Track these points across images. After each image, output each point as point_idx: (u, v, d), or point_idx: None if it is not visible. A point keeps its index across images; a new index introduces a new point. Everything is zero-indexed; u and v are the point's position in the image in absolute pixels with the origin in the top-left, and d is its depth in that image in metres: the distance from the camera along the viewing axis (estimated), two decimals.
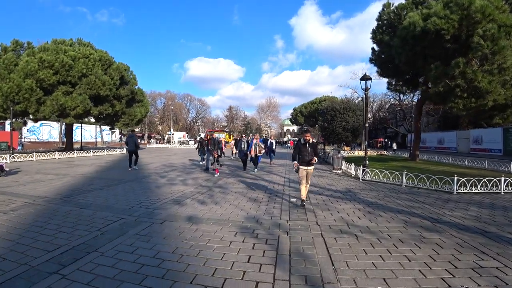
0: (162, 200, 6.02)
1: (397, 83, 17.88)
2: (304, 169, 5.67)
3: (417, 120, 18.01)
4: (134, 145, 11.73)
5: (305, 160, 5.62)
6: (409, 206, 5.81)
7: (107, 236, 3.87)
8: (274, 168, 12.76)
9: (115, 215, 4.90)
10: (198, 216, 4.83)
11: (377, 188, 7.96)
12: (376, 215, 5.07)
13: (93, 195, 6.59)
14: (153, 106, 69.92)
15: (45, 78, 16.98)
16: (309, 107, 52.78)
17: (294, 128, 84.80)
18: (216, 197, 6.44)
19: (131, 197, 6.34)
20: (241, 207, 5.45)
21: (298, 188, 7.60)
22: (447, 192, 7.56)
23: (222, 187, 7.80)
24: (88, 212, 5.15)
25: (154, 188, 7.59)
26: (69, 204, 5.76)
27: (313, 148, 5.72)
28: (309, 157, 5.60)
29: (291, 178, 9.64)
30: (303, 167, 5.66)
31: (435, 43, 10.67)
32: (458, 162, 16.45)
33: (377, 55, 15.70)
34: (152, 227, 4.23)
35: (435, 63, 10.62)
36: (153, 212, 5.07)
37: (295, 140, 50.47)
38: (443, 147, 37.14)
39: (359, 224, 4.49)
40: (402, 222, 4.65)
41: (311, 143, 5.73)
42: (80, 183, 8.32)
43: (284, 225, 4.36)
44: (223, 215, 4.90)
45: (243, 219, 4.63)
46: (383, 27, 14.76)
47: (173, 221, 4.55)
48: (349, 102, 35.54)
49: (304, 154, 5.63)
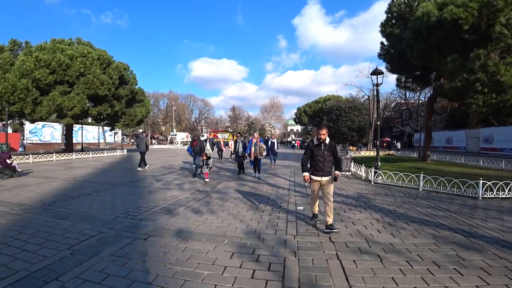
0: (152, 209, 5.33)
1: (406, 80, 17.04)
2: (317, 180, 4.12)
3: (428, 119, 17.14)
4: (144, 146, 12.22)
5: (319, 169, 4.10)
6: (433, 215, 5.05)
7: (77, 258, 3.19)
8: (279, 170, 12.02)
9: (95, 228, 4.23)
10: (190, 229, 4.13)
11: (392, 193, 7.19)
12: (399, 227, 4.33)
13: (77, 202, 5.94)
14: (156, 107, 69.62)
15: (41, 78, 16.46)
16: (314, 107, 51.87)
17: (298, 128, 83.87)
18: (213, 204, 5.74)
19: (118, 205, 5.68)
20: (240, 218, 4.74)
21: (305, 193, 6.90)
22: (470, 197, 6.77)
23: (221, 192, 7.10)
24: (65, 224, 4.49)
25: (146, 193, 6.92)
26: (47, 213, 5.11)
27: (331, 152, 4.16)
28: (326, 164, 4.09)
29: (296, 181, 8.90)
30: (316, 178, 4.11)
31: (452, 34, 9.86)
32: (471, 163, 15.57)
33: (386, 50, 14.89)
34: (133, 245, 3.55)
35: (452, 55, 9.80)
36: (138, 224, 4.38)
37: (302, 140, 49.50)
38: (452, 146, 36.06)
39: (381, 240, 3.76)
40: (431, 237, 3.90)
41: (328, 143, 4.14)
42: (68, 188, 7.69)
43: (291, 242, 3.63)
44: (219, 228, 4.19)
45: (242, 234, 3.92)
46: (393, 20, 13.95)
47: (159, 236, 3.86)
48: (355, 101, 34.73)
49: (318, 159, 4.10)
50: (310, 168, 4.26)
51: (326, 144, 4.13)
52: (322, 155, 4.10)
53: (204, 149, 9.28)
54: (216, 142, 17.01)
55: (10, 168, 9.65)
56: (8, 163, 9.63)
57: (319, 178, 4.13)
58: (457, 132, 35.97)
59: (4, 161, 9.54)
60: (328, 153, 4.13)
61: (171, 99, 71.52)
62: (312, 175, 4.18)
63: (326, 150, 4.11)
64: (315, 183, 4.21)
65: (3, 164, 9.49)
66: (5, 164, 9.53)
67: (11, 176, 9.52)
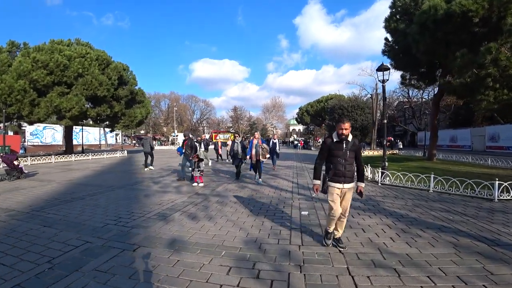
0: (145, 215, 4.98)
1: (411, 77, 16.59)
2: (338, 188, 3.30)
3: (434, 117, 16.67)
4: (149, 147, 12.37)
5: (341, 173, 3.27)
6: (449, 220, 4.65)
7: (56, 273, 2.84)
8: (281, 171, 11.64)
9: (81, 237, 3.88)
10: (184, 238, 3.77)
11: (402, 195, 6.79)
12: (414, 234, 3.93)
13: (68, 207, 5.60)
14: (157, 108, 69.46)
15: (39, 79, 16.18)
16: (316, 106, 51.34)
17: (300, 128, 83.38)
18: (212, 209, 5.37)
19: (110, 210, 5.33)
20: (240, 224, 4.36)
21: (309, 197, 6.51)
22: (485, 199, 6.36)
23: (221, 195, 6.74)
24: (51, 231, 4.15)
25: (142, 197, 6.57)
26: (34, 220, 4.77)
27: (354, 152, 3.35)
28: (348, 168, 3.28)
29: (300, 183, 8.51)
30: (337, 185, 3.28)
31: (461, 28, 9.43)
32: (479, 162, 15.09)
33: (391, 46, 14.45)
34: (119, 258, 3.19)
35: (461, 50, 9.38)
36: (129, 233, 4.03)
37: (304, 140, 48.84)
38: (456, 145, 35.52)
39: (395, 250, 3.37)
40: (451, 246, 3.51)
41: (351, 141, 3.32)
42: (62, 192, 7.37)
43: (296, 253, 3.26)
44: (216, 237, 3.82)
45: (242, 244, 3.54)
46: (397, 15, 13.53)
47: (150, 246, 3.50)
48: (357, 100, 34.31)
49: (338, 161, 3.27)
50: (328, 172, 3.36)
51: (349, 142, 3.30)
52: (344, 155, 3.26)
53: (196, 149, 8.64)
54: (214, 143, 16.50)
55: (17, 170, 9.64)
56: (15, 164, 9.65)
57: (340, 186, 3.28)
58: (462, 130, 35.40)
59: (11, 162, 9.57)
60: (351, 153, 3.29)
61: (172, 100, 71.32)
62: (331, 181, 3.31)
63: (348, 149, 3.28)
64: (334, 193, 3.30)
65: (10, 165, 9.54)
66: (12, 165, 9.56)
67: (18, 178, 9.53)
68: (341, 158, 3.27)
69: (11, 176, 9.38)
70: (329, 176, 3.34)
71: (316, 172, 3.43)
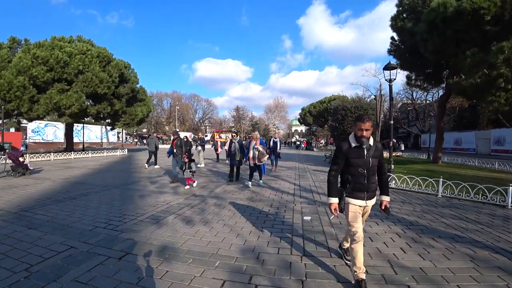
0: (138, 217, 4.69)
1: (417, 77, 16.21)
2: (359, 206, 2.63)
3: (440, 119, 16.27)
4: (154, 146, 12.74)
5: (363, 187, 2.59)
6: (462, 229, 4.32)
7: (31, 283, 2.57)
8: (282, 172, 11.32)
9: (66, 241, 3.61)
10: (176, 245, 3.47)
11: (409, 200, 6.46)
12: (426, 244, 3.62)
13: (58, 208, 5.33)
14: (160, 107, 69.38)
15: (39, 75, 15.98)
16: (318, 107, 50.90)
17: (302, 128, 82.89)
18: (208, 212, 5.08)
19: (102, 211, 5.05)
20: (237, 230, 4.06)
21: (311, 200, 6.20)
22: (498, 205, 6.01)
23: (219, 197, 6.44)
24: (36, 234, 3.88)
25: (137, 198, 6.30)
26: (20, 221, 4.51)
27: (377, 159, 2.65)
28: (371, 179, 2.62)
29: (302, 185, 8.20)
30: (358, 202, 2.62)
31: (471, 26, 9.07)
32: (486, 165, 14.68)
33: (397, 46, 14.10)
34: (104, 266, 2.90)
35: (472, 49, 9.02)
36: (117, 237, 3.75)
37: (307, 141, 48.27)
38: (461, 148, 34.99)
39: (407, 263, 3.05)
40: (468, 259, 3.19)
41: (373, 145, 2.61)
42: (55, 191, 7.11)
43: (297, 266, 2.95)
44: (211, 244, 3.53)
45: (238, 253, 3.24)
46: (404, 13, 13.19)
47: (138, 254, 3.21)
48: (361, 101, 33.85)
49: (359, 172, 2.58)
50: (345, 185, 2.65)
51: (370, 146, 2.58)
52: (366, 164, 2.56)
53: (186, 149, 8.13)
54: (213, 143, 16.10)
55: (23, 166, 9.78)
56: (21, 161, 9.80)
57: (361, 203, 2.61)
58: (467, 133, 34.88)
59: (17, 159, 9.70)
60: (373, 161, 2.59)
61: (175, 99, 71.23)
62: (350, 197, 2.62)
63: (371, 156, 2.57)
64: (356, 211, 2.61)
65: (16, 162, 9.67)
66: (18, 162, 9.69)
67: (24, 174, 9.69)
68: (362, 167, 2.56)
69: (16, 173, 9.49)
70: (347, 191, 2.63)
71: (331, 186, 2.65)
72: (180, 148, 8.21)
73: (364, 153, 2.56)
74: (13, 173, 9.43)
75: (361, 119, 2.55)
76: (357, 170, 2.58)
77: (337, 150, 2.71)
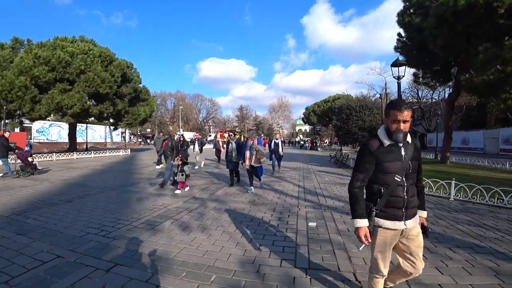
0: (132, 223, 4.44)
1: (424, 75, 15.77)
2: (393, 230, 1.91)
3: (448, 118, 15.78)
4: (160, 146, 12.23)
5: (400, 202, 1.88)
6: (481, 237, 3.98)
7: None
8: (286, 173, 11.01)
9: (53, 250, 3.37)
10: (170, 255, 3.21)
11: None
12: (442, 255, 3.30)
13: (52, 211, 5.12)
14: (163, 106, 69.50)
15: (40, 75, 15.89)
16: (323, 106, 50.42)
17: (306, 128, 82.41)
18: (207, 217, 4.81)
19: (96, 216, 4.82)
20: (237, 238, 3.78)
21: (317, 203, 5.88)
22: None
23: (220, 200, 6.17)
24: (23, 241, 3.66)
25: (134, 201, 6.06)
26: (10, 226, 4.30)
27: (417, 162, 2.01)
28: (410, 191, 1.92)
29: (306, 187, 7.89)
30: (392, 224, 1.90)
31: (484, 20, 8.66)
32: (496, 165, 14.18)
33: (404, 42, 13.69)
34: (89, 280, 2.65)
35: (484, 44, 8.61)
36: (108, 246, 3.49)
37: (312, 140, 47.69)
38: (468, 147, 34.30)
39: (425, 278, 2.73)
40: (492, 274, 2.86)
41: (411, 143, 1.97)
42: (51, 193, 6.92)
43: (302, 281, 2.65)
44: (207, 254, 3.25)
45: (237, 265, 2.96)
46: (412, 8, 12.78)
47: (128, 265, 2.94)
48: (366, 100, 33.36)
49: (395, 180, 1.87)
50: (375, 200, 1.90)
51: (408, 144, 1.94)
52: (403, 169, 1.87)
53: (178, 151, 7.56)
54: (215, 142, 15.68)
55: (31, 166, 9.92)
56: (30, 161, 9.96)
57: (399, 225, 1.89)
58: (474, 132, 34.19)
59: (26, 159, 9.86)
60: (413, 164, 1.94)
61: (178, 98, 71.29)
62: (382, 217, 1.91)
63: (410, 158, 1.91)
64: (387, 236, 1.93)
65: (25, 162, 9.82)
66: (27, 162, 9.85)
67: (32, 174, 9.82)
68: (399, 174, 1.85)
69: (25, 172, 9.65)
70: (376, 209, 1.87)
71: (357, 203, 1.89)
72: (171, 149, 7.61)
73: (401, 154, 1.88)
74: (22, 173, 9.56)
75: (397, 106, 1.85)
76: (393, 178, 1.85)
77: (363, 150, 1.95)
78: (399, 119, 1.84)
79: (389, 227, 1.90)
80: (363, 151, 1.95)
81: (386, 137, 1.91)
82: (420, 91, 44.58)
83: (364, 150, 1.95)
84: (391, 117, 1.88)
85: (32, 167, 9.90)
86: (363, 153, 1.95)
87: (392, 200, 1.88)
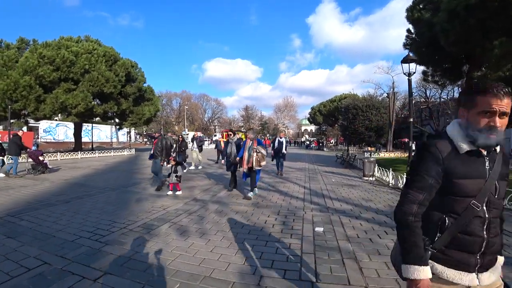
0: (128, 226, 4.21)
1: (434, 73, 15.25)
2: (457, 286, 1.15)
3: None
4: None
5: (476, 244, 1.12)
6: (505, 245, 3.62)
7: None
8: (291, 174, 10.70)
9: (41, 255, 3.15)
10: (164, 263, 2.95)
11: None
12: None
13: (47, 213, 4.93)
14: (169, 106, 69.75)
15: (45, 75, 15.92)
16: (328, 106, 49.92)
17: (312, 128, 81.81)
18: (207, 221, 4.55)
19: (91, 218, 4.61)
20: (238, 244, 3.51)
21: (324, 206, 5.57)
22: None
23: (222, 202, 5.91)
24: (12, 245, 3.46)
25: (133, 202, 5.85)
26: (3, 227, 4.15)
27: (506, 180, 1.20)
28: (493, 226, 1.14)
29: (312, 189, 7.58)
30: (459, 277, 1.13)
31: (499, 13, 8.22)
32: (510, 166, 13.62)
33: (413, 39, 13.24)
34: None
35: (499, 38, 8.18)
36: (100, 251, 3.26)
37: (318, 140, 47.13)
38: None
39: None
40: None
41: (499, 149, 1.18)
42: (50, 193, 6.77)
43: None
44: (204, 262, 2.99)
45: (236, 276, 2.68)
46: (421, 3, 12.33)
47: (117, 275, 2.70)
48: (372, 99, 32.83)
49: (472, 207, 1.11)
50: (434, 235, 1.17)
51: (495, 153, 1.19)
52: (485, 192, 1.13)
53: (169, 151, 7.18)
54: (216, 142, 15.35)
55: (42, 165, 10.13)
56: (41, 160, 10.16)
57: (467, 279, 1.14)
58: None
59: (37, 158, 10.07)
60: (502, 185, 1.18)
61: (184, 98, 71.44)
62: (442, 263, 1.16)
63: (498, 175, 1.16)
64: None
65: (36, 161, 10.03)
66: (38, 161, 10.06)
67: (43, 172, 10.03)
68: (479, 200, 1.13)
69: (36, 171, 9.86)
70: (433, 247, 1.16)
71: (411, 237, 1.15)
72: (160, 150, 7.13)
73: (485, 168, 1.16)
74: (33, 171, 9.79)
75: (492, 90, 1.09)
76: (467, 204, 1.13)
77: (424, 155, 1.19)
78: (495, 110, 1.08)
79: (451, 280, 1.15)
80: (424, 156, 1.18)
81: (464, 138, 1.15)
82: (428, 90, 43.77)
83: (426, 155, 1.17)
84: (481, 106, 1.11)
85: (43, 166, 10.10)
86: (424, 159, 1.17)
87: (462, 239, 1.14)
